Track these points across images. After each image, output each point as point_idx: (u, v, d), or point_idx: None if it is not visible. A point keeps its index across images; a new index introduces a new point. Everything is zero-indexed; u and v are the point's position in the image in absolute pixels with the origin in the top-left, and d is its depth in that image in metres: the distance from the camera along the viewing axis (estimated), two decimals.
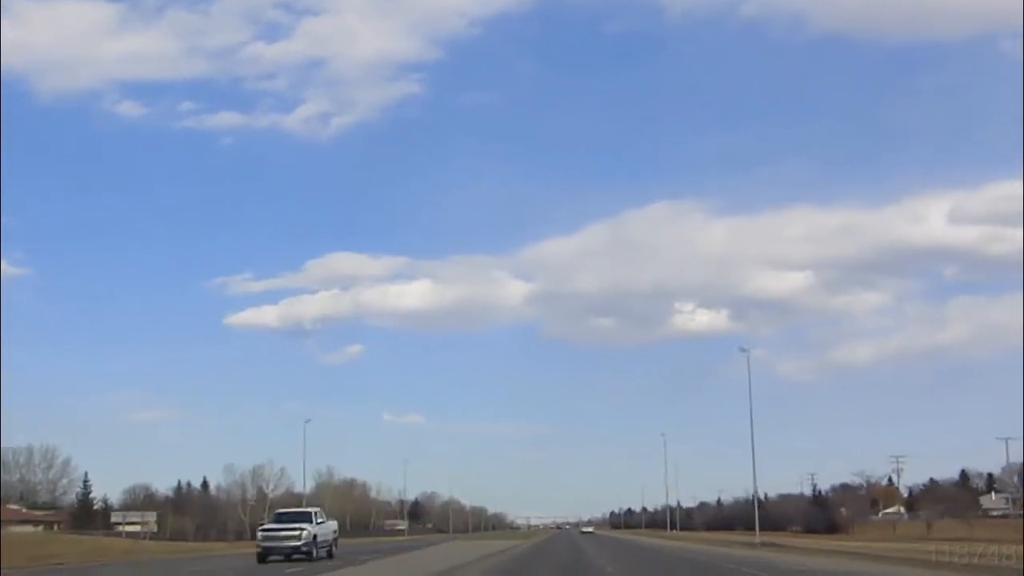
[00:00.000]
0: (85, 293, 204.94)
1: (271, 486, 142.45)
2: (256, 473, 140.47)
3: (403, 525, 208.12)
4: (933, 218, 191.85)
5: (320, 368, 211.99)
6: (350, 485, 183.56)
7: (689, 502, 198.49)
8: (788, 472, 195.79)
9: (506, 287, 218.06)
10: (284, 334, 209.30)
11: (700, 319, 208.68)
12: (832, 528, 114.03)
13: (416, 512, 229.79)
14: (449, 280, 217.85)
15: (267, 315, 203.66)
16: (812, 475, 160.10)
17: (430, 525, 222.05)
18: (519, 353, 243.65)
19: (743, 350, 72.25)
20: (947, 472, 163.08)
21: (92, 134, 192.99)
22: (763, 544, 61.78)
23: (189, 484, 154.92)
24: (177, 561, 51.58)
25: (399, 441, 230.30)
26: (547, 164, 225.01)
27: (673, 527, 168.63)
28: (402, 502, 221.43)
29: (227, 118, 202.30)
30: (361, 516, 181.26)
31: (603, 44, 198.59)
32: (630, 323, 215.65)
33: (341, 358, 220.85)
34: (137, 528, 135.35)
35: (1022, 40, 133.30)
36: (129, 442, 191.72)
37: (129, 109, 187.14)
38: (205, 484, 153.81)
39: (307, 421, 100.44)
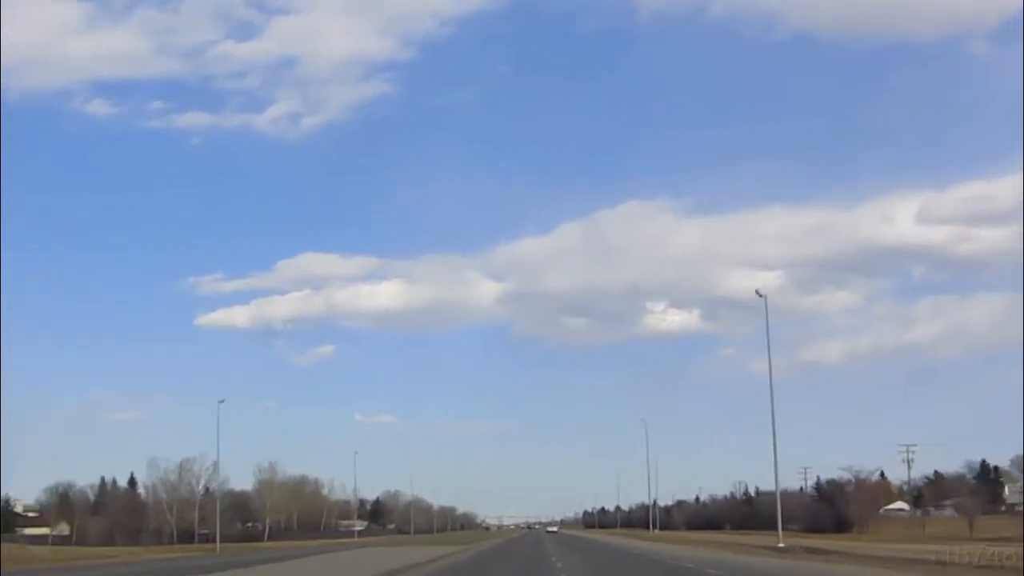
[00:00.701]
0: (54, 293, 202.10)
1: (202, 482, 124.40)
2: (184, 468, 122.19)
3: (360, 525, 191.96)
4: (902, 218, 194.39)
5: (291, 369, 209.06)
6: (300, 482, 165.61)
7: (665, 500, 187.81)
8: (761, 470, 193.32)
9: (478, 287, 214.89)
10: (255, 335, 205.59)
11: (672, 319, 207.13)
12: (841, 527, 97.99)
13: (379, 512, 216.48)
14: (421, 280, 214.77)
15: (238, 316, 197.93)
16: (805, 469, 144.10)
17: (391, 526, 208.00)
18: (491, 353, 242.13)
19: (759, 295, 55.40)
20: (921, 469, 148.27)
21: (61, 133, 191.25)
22: (802, 550, 44.71)
23: (115, 481, 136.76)
24: None
25: (369, 440, 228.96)
26: (520, 164, 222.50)
27: (654, 526, 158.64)
28: (361, 501, 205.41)
29: (197, 118, 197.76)
30: (311, 515, 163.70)
31: (576, 44, 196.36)
32: (602, 323, 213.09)
33: (312, 359, 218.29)
34: (46, 531, 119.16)
35: (1022, 42, 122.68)
36: (94, 441, 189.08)
37: (99, 108, 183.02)
38: (132, 481, 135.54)
39: (221, 402, 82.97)
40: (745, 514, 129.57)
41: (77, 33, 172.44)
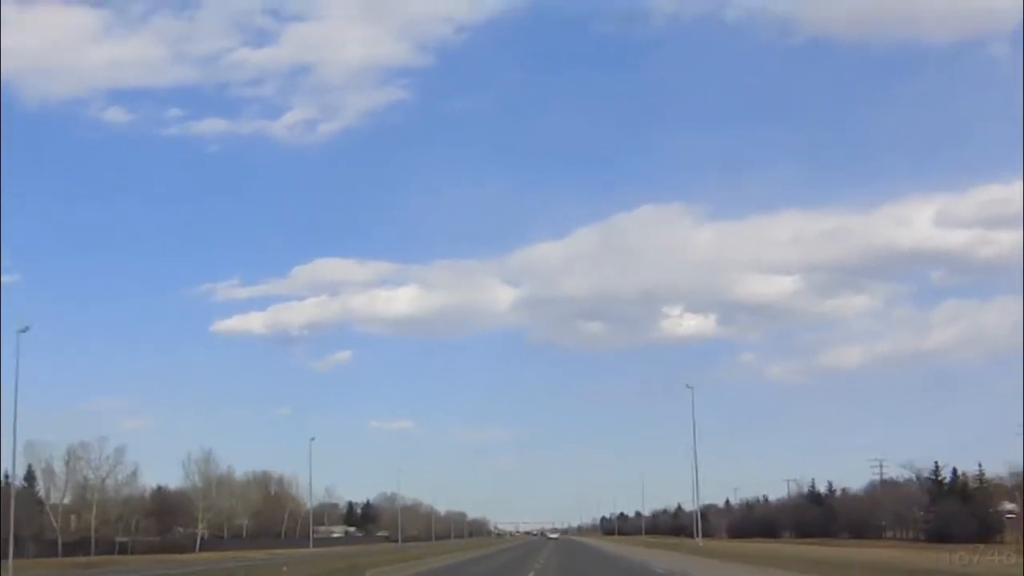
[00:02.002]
0: (72, 300, 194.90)
1: (104, 474, 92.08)
2: (73, 455, 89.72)
3: (338, 532, 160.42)
4: (920, 222, 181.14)
5: (308, 375, 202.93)
6: (262, 481, 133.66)
7: (690, 505, 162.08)
8: (813, 468, 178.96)
9: (494, 292, 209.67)
10: (271, 341, 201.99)
11: (688, 323, 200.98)
12: (985, 536, 64.33)
13: (369, 516, 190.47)
14: (437, 285, 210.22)
15: (254, 322, 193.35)
16: (880, 462, 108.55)
17: (382, 533, 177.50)
18: (507, 358, 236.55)
19: None
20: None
21: (79, 141, 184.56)
22: None
23: (7, 477, 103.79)
24: None
25: (384, 446, 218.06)
26: (535, 169, 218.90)
27: (683, 533, 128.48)
28: (350, 504, 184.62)
29: (213, 124, 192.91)
30: (273, 519, 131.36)
31: (591, 48, 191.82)
32: (618, 327, 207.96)
33: (328, 365, 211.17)
34: None
35: (1022, 44, 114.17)
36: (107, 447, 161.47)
37: (116, 116, 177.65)
38: (30, 475, 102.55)
39: (22, 330, 50.18)
40: (816, 517, 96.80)
41: (94, 41, 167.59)
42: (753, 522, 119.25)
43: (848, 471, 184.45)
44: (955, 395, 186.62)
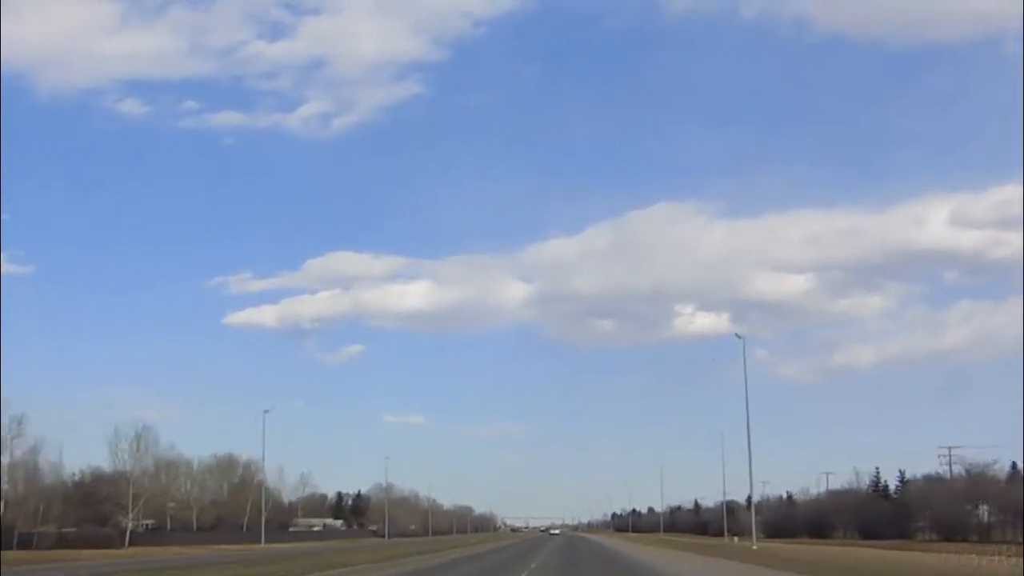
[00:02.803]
0: (85, 291, 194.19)
1: (6, 455, 72.13)
2: None
3: (317, 525, 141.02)
4: (934, 222, 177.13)
5: (319, 368, 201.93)
6: (226, 466, 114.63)
7: (707, 503, 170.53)
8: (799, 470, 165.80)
9: (507, 288, 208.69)
10: (283, 334, 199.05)
11: (701, 321, 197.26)
12: None
13: (360, 508, 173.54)
14: (450, 281, 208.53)
15: (266, 315, 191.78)
16: (950, 449, 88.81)
17: (373, 526, 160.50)
18: (519, 354, 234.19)
19: None
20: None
21: (94, 132, 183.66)
22: None
23: None
24: None
25: (396, 440, 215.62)
26: (550, 165, 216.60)
27: (707, 530, 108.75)
28: (340, 495, 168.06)
29: (228, 117, 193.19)
30: (236, 509, 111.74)
31: (605, 45, 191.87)
32: (631, 325, 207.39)
33: (340, 358, 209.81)
34: None
35: (1022, 44, 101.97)
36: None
37: (131, 107, 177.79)
38: None
39: None
40: (885, 514, 76.57)
41: (110, 32, 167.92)
42: (794, 519, 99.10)
43: (868, 468, 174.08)
44: (969, 395, 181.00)
